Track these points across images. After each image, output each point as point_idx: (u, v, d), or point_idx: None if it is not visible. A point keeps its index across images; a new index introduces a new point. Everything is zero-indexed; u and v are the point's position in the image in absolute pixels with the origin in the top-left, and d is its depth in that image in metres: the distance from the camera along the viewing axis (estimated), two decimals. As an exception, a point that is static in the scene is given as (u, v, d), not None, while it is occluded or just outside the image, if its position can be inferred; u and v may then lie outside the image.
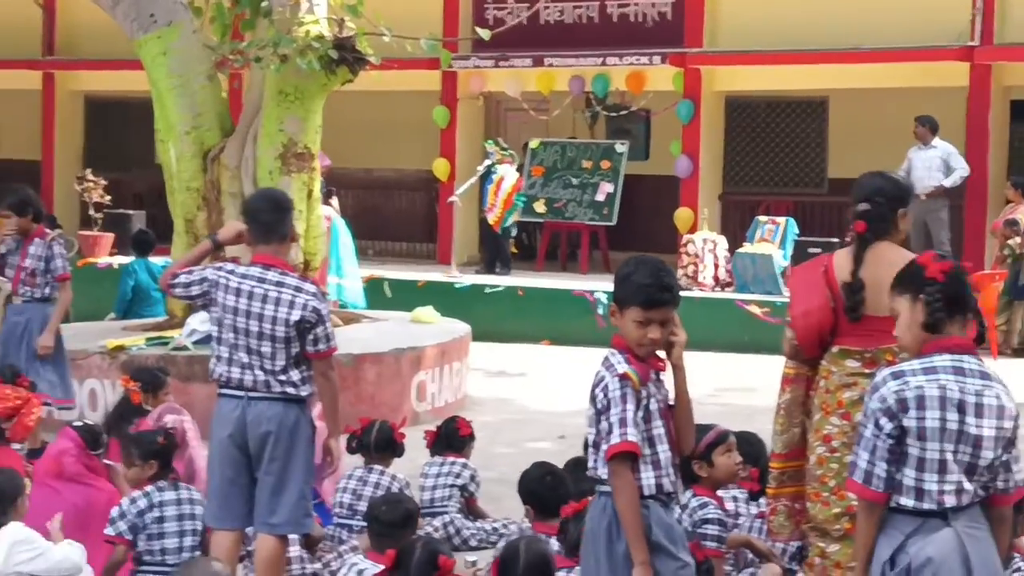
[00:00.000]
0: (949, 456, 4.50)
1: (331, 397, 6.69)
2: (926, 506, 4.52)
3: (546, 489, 6.85)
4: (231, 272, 6.60)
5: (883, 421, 4.55)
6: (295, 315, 6.46)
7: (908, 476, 4.54)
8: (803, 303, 5.86)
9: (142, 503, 6.89)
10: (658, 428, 4.95)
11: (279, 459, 6.48)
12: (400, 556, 5.70)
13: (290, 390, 6.51)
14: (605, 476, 4.92)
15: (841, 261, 5.88)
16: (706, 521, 6.30)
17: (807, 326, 5.82)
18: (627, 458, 4.85)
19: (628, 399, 4.90)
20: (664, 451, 4.95)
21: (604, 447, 4.89)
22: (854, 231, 5.86)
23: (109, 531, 6.91)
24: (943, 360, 4.57)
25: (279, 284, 6.52)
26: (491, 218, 18.89)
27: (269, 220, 6.65)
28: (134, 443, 7.13)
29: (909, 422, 4.52)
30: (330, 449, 6.75)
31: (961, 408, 4.49)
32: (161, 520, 6.87)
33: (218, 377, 6.61)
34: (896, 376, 4.59)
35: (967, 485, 4.51)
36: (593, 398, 4.98)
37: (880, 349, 5.66)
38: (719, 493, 6.71)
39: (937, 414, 4.49)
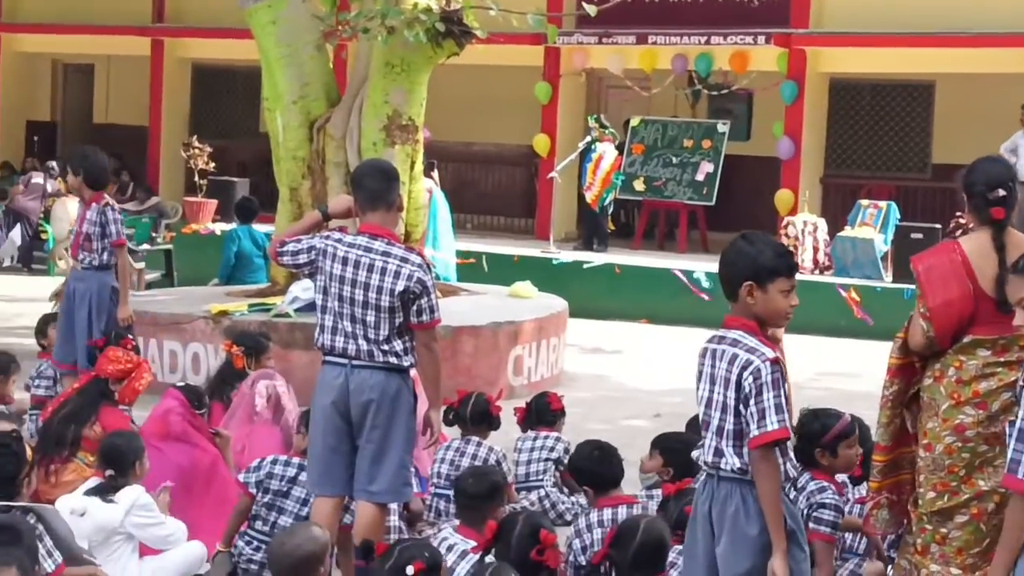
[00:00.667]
0: None
1: (432, 368, 6.71)
2: None
3: (596, 464, 6.86)
4: (338, 241, 6.62)
5: None
6: (400, 285, 6.48)
7: None
8: (942, 293, 5.67)
9: (279, 468, 7.08)
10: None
11: (380, 427, 6.53)
12: (501, 529, 5.75)
13: (393, 360, 6.54)
14: (739, 464, 4.93)
15: (974, 247, 5.71)
16: (822, 506, 6.25)
17: (947, 316, 5.66)
18: (775, 445, 4.89)
19: (780, 384, 4.93)
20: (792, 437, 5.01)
21: (753, 433, 4.88)
22: (993, 219, 5.66)
23: (240, 476, 7.15)
24: None
25: (385, 254, 6.54)
26: (589, 196, 18.91)
27: (377, 188, 6.67)
28: (304, 417, 7.25)
29: None
30: (430, 420, 6.79)
31: None
32: (286, 495, 7.04)
33: (321, 346, 6.65)
34: None
35: None
36: (738, 383, 4.95)
37: (1014, 336, 5.54)
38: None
39: None
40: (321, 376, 6.68)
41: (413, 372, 6.74)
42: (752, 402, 4.92)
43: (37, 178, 21.71)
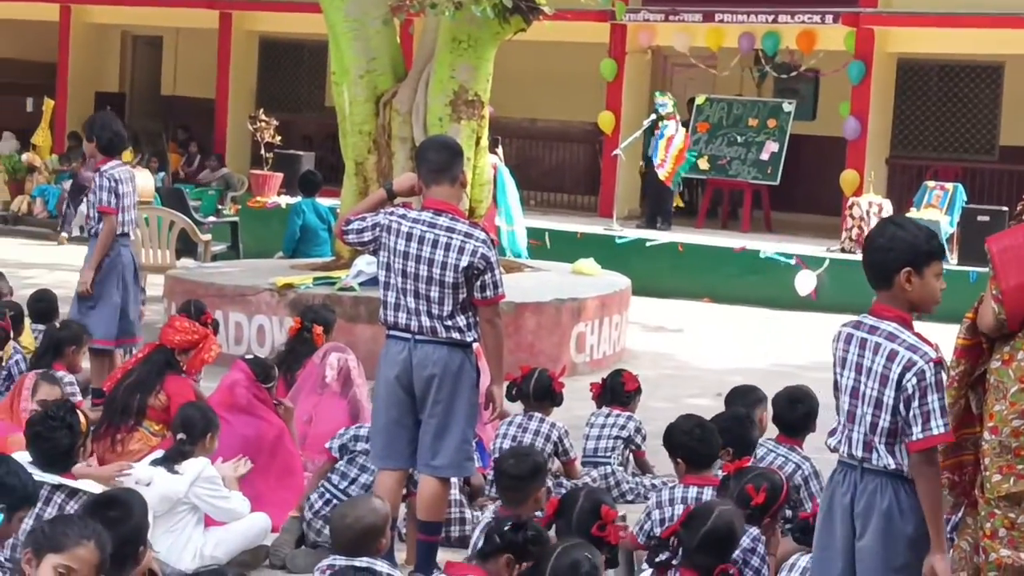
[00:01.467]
0: None
1: (496, 344, 6.73)
2: None
3: (696, 441, 6.87)
4: (402, 216, 6.63)
5: None
6: (464, 261, 6.50)
7: None
8: (1016, 275, 5.51)
9: (363, 431, 7.28)
10: None
11: (443, 402, 6.56)
12: (562, 504, 5.78)
13: (456, 335, 6.56)
14: (893, 464, 4.93)
15: None
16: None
17: (1021, 299, 5.51)
18: (936, 447, 4.90)
19: (942, 385, 4.91)
20: None
21: (917, 436, 4.86)
22: None
23: (327, 444, 7.44)
24: None
25: (449, 230, 6.55)
26: (663, 173, 18.85)
27: (440, 162, 6.67)
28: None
29: None
30: (492, 395, 6.82)
31: None
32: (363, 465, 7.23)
33: (384, 321, 6.69)
34: None
35: None
36: (899, 383, 4.90)
37: None
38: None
39: None
40: (385, 350, 6.72)
41: (477, 347, 6.78)
42: (916, 404, 4.88)
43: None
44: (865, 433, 5.00)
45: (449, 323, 6.55)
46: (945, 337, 6.14)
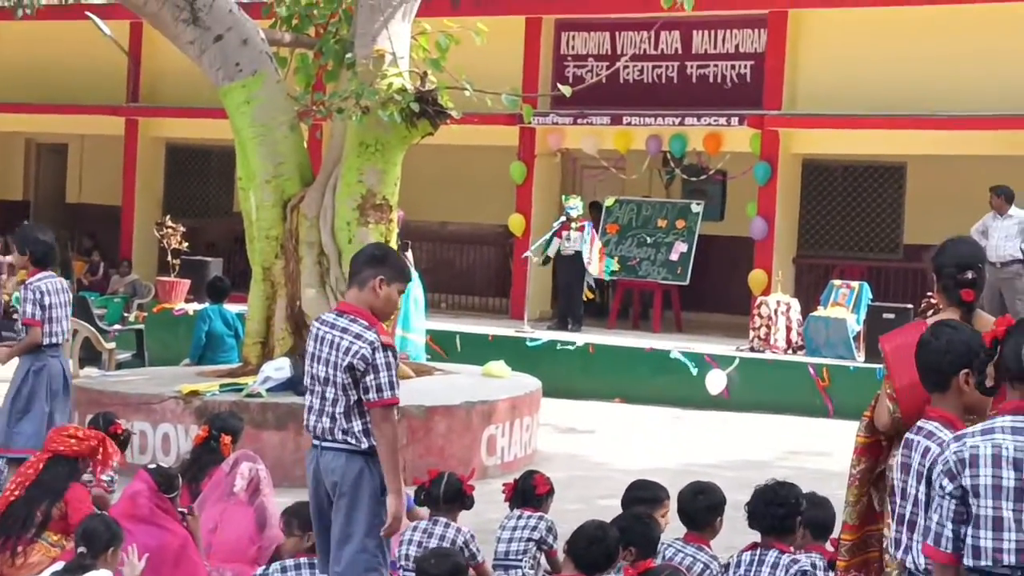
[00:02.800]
0: (1007, 514, 4.50)
1: (384, 450, 6.49)
2: (983, 563, 4.53)
3: (593, 544, 6.79)
4: (320, 321, 6.74)
5: (945, 482, 4.62)
6: (345, 360, 6.47)
7: (969, 535, 4.57)
8: (909, 374, 5.52)
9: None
10: None
11: (342, 511, 6.51)
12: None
13: (351, 440, 6.49)
14: (924, 564, 4.90)
15: None
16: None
17: (914, 397, 5.55)
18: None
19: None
20: None
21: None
22: (962, 301, 5.69)
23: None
24: (1003, 421, 4.60)
25: (343, 330, 6.55)
26: (594, 270, 19.01)
27: (354, 267, 6.78)
28: (295, 514, 7.23)
29: (966, 481, 4.56)
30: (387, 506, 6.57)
31: (1018, 466, 4.50)
32: None
33: (304, 426, 6.76)
34: (957, 439, 4.66)
35: None
36: (928, 478, 4.89)
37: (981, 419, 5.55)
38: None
39: (990, 471, 4.51)
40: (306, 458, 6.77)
41: None
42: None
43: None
44: (905, 532, 5.02)
45: (345, 426, 6.51)
46: (851, 435, 6.15)
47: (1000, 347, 4.75)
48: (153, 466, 8.41)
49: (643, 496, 7.65)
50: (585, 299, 19.41)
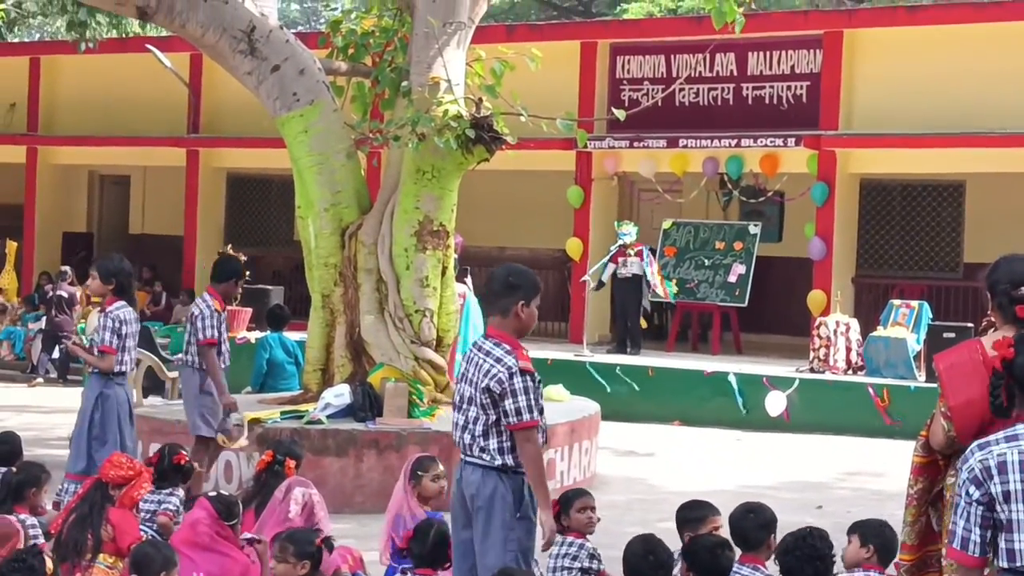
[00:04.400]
0: None
1: (532, 470, 6.74)
2: (1018, 564, 4.55)
3: (649, 568, 6.82)
4: (474, 344, 6.99)
5: (972, 489, 4.63)
6: (484, 382, 6.70)
7: (1001, 539, 4.59)
8: (964, 392, 5.57)
9: None
10: None
11: (480, 524, 6.73)
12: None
13: (485, 457, 6.70)
14: None
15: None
16: None
17: (970, 416, 5.56)
18: None
19: None
20: None
21: None
22: (1016, 317, 5.62)
23: None
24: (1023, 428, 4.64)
25: (487, 353, 6.77)
26: (660, 292, 19.10)
27: (489, 296, 7.06)
28: (290, 540, 7.27)
29: (995, 488, 4.58)
30: (540, 522, 6.83)
31: None
32: None
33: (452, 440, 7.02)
34: (982, 447, 4.68)
35: None
36: None
37: None
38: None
39: (1019, 476, 4.55)
40: None
41: None
42: None
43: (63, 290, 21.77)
44: None
45: (483, 443, 6.70)
46: (908, 455, 6.14)
47: (1010, 365, 4.77)
48: (213, 493, 8.50)
49: (689, 516, 7.66)
50: (643, 326, 19.43)
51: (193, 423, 11.03)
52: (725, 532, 7.26)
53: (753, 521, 7.17)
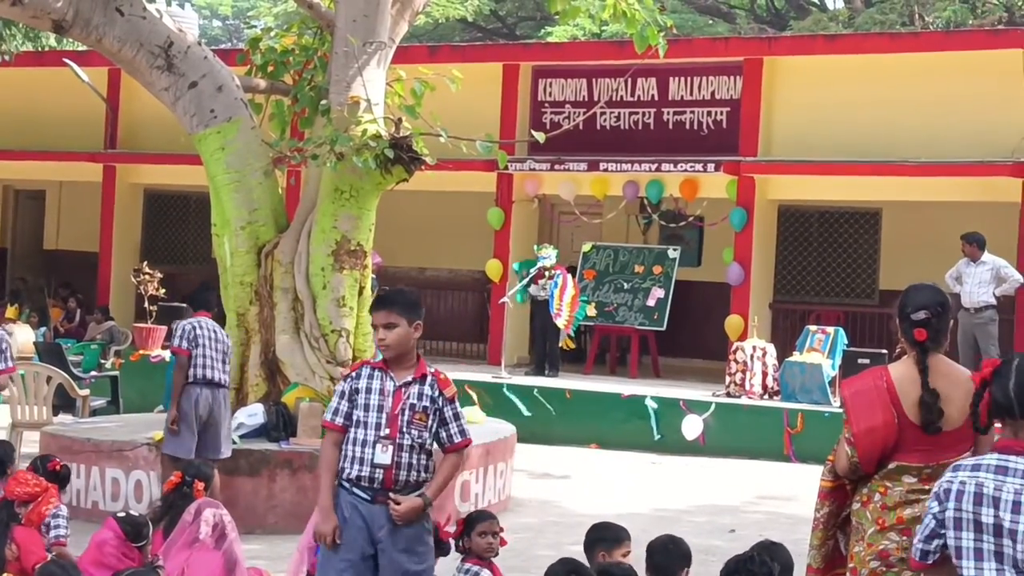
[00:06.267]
0: (987, 547, 4.53)
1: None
2: None
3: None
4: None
5: (932, 503, 4.67)
6: None
7: (961, 566, 4.58)
8: (866, 420, 5.71)
9: None
10: None
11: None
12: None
13: None
14: None
15: (901, 373, 5.78)
16: None
17: (872, 443, 5.70)
18: None
19: None
20: None
21: None
22: (915, 340, 5.75)
23: None
24: (990, 459, 4.63)
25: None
26: (561, 322, 18.96)
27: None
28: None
29: (947, 512, 4.61)
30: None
31: (995, 504, 4.53)
32: None
33: None
34: (954, 469, 4.70)
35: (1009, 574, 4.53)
36: None
37: (940, 464, 5.57)
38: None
39: (969, 507, 4.56)
40: None
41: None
42: None
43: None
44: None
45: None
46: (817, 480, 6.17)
47: (988, 388, 4.80)
48: (122, 514, 8.39)
49: (604, 536, 7.62)
50: (564, 348, 19.40)
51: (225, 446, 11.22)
52: (634, 558, 7.24)
53: (674, 552, 7.12)
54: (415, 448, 6.68)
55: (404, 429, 6.64)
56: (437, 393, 6.72)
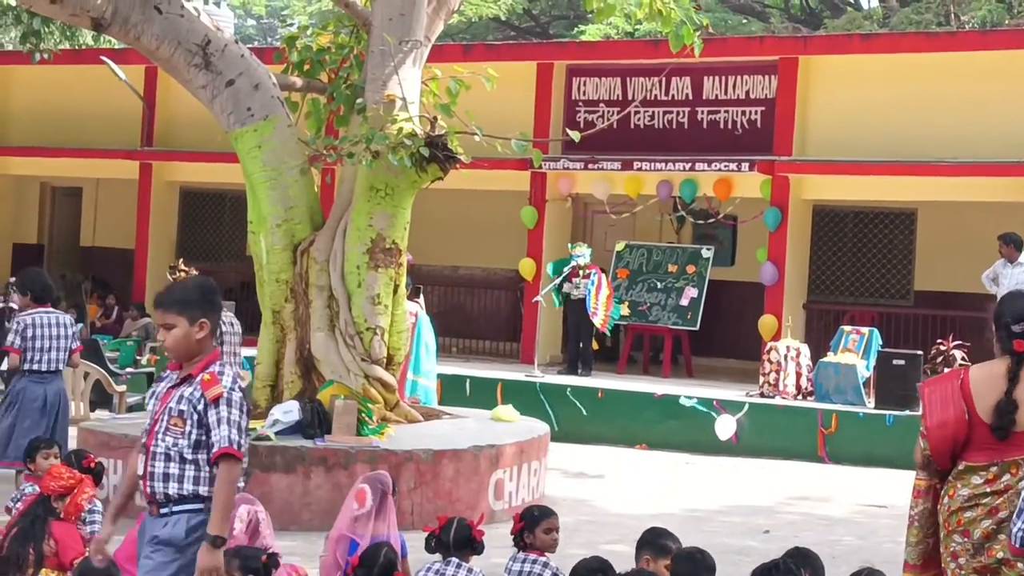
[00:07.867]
0: None
1: None
2: None
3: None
4: None
5: None
6: None
7: None
8: (938, 415, 6.07)
9: None
10: None
11: None
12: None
13: None
14: None
15: (982, 375, 6.06)
16: None
17: (942, 437, 6.04)
18: None
19: None
20: None
21: None
22: (1014, 351, 5.99)
23: None
24: None
25: None
26: (597, 321, 18.98)
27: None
28: (237, 555, 7.18)
29: None
30: None
31: None
32: None
33: None
34: None
35: None
36: None
37: (1006, 462, 5.93)
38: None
39: None
40: None
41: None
42: None
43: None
44: None
45: None
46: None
47: None
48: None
49: (655, 543, 7.60)
50: (594, 348, 19.41)
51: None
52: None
53: (700, 563, 7.12)
54: (171, 457, 6.08)
55: (160, 436, 6.11)
56: (199, 395, 6.08)
